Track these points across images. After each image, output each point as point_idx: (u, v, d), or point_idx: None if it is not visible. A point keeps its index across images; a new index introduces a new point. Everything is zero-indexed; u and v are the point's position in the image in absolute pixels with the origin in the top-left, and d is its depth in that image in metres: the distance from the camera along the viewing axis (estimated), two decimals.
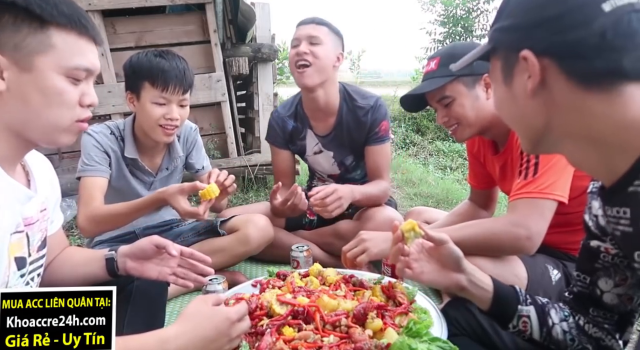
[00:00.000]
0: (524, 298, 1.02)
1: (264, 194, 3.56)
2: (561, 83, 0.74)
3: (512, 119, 0.85)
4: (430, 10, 8.98)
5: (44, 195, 0.99)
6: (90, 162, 1.75)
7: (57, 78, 0.84)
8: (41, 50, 0.82)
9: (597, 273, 0.92)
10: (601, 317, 0.95)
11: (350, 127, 2.16)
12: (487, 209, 1.95)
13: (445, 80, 1.49)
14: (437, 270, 1.07)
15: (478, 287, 1.03)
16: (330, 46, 2.03)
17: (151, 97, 1.72)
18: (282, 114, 2.27)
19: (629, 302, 0.91)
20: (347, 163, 2.28)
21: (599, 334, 0.96)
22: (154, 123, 1.74)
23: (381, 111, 2.14)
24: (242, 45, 3.85)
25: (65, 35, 0.84)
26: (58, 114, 0.86)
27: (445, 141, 6.03)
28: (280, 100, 4.10)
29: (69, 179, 3.23)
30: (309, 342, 1.04)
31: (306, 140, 2.27)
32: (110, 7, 3.24)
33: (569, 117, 0.75)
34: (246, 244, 1.90)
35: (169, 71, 1.70)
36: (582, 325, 0.98)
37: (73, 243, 2.45)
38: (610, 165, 0.74)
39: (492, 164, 1.73)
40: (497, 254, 1.40)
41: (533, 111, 0.79)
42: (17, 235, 0.87)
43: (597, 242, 0.91)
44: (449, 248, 1.05)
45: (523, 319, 1.00)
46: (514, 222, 1.35)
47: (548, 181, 1.34)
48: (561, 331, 0.99)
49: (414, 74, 9.53)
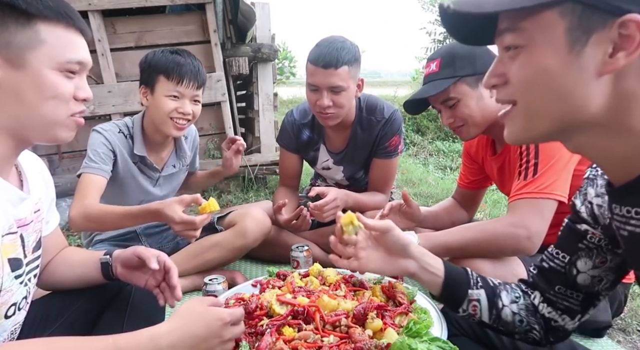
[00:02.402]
0: (474, 281, 1.01)
1: (264, 194, 3.56)
2: (637, 66, 0.64)
3: (553, 95, 0.67)
4: (431, 10, 8.99)
5: (37, 196, 0.99)
6: (95, 160, 1.74)
7: (51, 73, 0.84)
8: (32, 45, 0.81)
9: (579, 253, 0.91)
10: (566, 295, 0.94)
11: (363, 141, 2.13)
12: (468, 211, 1.96)
13: (449, 82, 1.48)
14: (383, 257, 1.06)
15: (428, 272, 1.02)
16: (352, 86, 1.92)
17: (165, 90, 1.75)
18: (298, 121, 2.22)
19: (598, 283, 0.91)
20: (357, 176, 2.27)
21: (552, 314, 0.96)
22: (166, 115, 1.76)
23: (394, 126, 2.08)
24: (242, 45, 3.84)
25: (53, 29, 0.84)
26: (53, 109, 0.85)
27: (445, 141, 6.03)
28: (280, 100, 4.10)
29: (69, 179, 3.23)
30: (309, 342, 1.04)
31: (319, 153, 2.25)
32: (110, 7, 3.24)
33: (626, 105, 0.65)
34: (243, 236, 1.89)
35: (184, 65, 1.75)
36: (537, 305, 0.98)
37: (73, 243, 2.44)
38: (629, 162, 0.69)
39: (491, 165, 1.73)
40: (498, 255, 1.40)
41: (592, 92, 0.65)
42: (9, 236, 0.86)
43: (587, 226, 0.90)
44: (394, 235, 1.03)
45: (473, 303, 1.00)
46: (513, 223, 1.35)
47: (548, 181, 1.34)
48: (510, 313, 0.98)
49: (414, 74, 9.55)
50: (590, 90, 0.65)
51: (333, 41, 1.90)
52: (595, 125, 0.68)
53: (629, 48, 0.61)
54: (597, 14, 0.62)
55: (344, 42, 1.91)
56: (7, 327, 0.92)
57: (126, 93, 3.30)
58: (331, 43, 1.89)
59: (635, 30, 0.60)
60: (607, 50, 0.63)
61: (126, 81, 3.34)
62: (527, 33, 0.68)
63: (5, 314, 0.89)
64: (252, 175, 3.52)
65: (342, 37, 1.96)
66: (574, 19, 0.64)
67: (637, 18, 0.60)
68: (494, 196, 3.52)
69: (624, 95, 0.65)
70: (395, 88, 8.77)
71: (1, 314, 0.88)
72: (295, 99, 10.88)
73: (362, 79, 2.01)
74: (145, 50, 3.39)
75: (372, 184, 2.19)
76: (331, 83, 1.87)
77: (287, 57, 11.56)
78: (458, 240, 1.43)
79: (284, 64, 11.42)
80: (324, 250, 2.14)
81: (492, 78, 0.75)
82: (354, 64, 1.90)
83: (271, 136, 3.86)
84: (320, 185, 2.49)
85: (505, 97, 0.74)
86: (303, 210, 1.88)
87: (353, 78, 1.92)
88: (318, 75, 1.88)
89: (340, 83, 1.87)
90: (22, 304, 0.94)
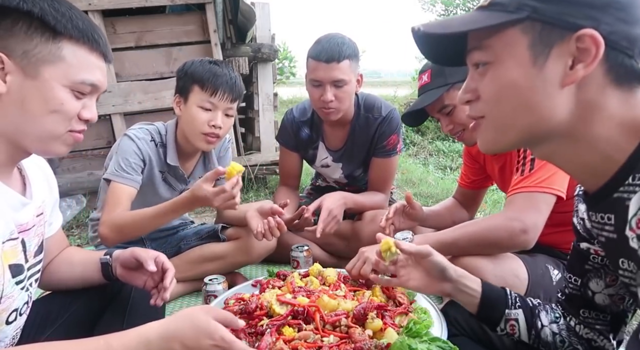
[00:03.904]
0: (512, 301, 1.02)
1: (264, 194, 3.56)
2: (598, 77, 0.67)
3: (520, 107, 0.71)
4: (431, 10, 9.02)
5: (40, 199, 0.98)
6: (127, 169, 1.68)
7: (61, 89, 0.85)
8: (50, 60, 0.83)
9: (588, 274, 0.92)
10: (592, 318, 0.95)
11: (361, 139, 2.14)
12: (468, 210, 1.97)
13: (441, 91, 1.52)
14: (423, 277, 1.09)
15: (465, 293, 1.04)
16: (353, 80, 1.95)
17: (199, 100, 1.69)
18: (297, 119, 2.23)
19: (621, 302, 0.91)
20: (356, 175, 2.28)
21: (590, 335, 0.96)
22: (197, 128, 1.70)
23: (392, 125, 2.09)
24: (242, 45, 3.84)
25: (76, 49, 0.85)
26: (53, 123, 0.85)
27: (445, 141, 6.03)
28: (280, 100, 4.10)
29: (69, 179, 3.24)
30: (309, 342, 1.04)
31: (318, 150, 2.26)
32: (110, 7, 3.24)
33: (589, 114, 0.69)
34: (247, 253, 1.89)
35: (220, 76, 1.69)
36: (574, 327, 0.98)
37: (73, 243, 2.44)
38: (597, 169, 0.72)
39: (492, 165, 1.73)
40: (494, 250, 1.39)
41: (556, 103, 0.69)
42: (10, 242, 0.86)
43: (587, 244, 0.91)
44: (431, 260, 1.06)
45: (511, 322, 1.01)
46: (509, 216, 1.35)
47: (544, 175, 1.34)
48: (550, 333, 0.99)
49: (414, 74, 9.54)
50: (554, 101, 0.69)
51: (333, 36, 1.94)
52: (561, 134, 0.71)
53: (586, 60, 0.65)
54: (555, 29, 0.67)
55: (343, 37, 1.94)
56: (8, 333, 0.92)
57: (126, 93, 3.30)
58: (331, 38, 1.92)
59: (590, 44, 0.65)
60: (568, 62, 0.67)
61: (126, 81, 3.34)
62: (493, 50, 0.72)
63: (6, 320, 0.89)
64: (252, 175, 3.52)
65: (339, 33, 2.00)
66: (535, 34, 0.68)
67: (591, 33, 0.64)
68: (494, 196, 3.52)
69: (586, 105, 0.68)
70: (395, 88, 8.78)
71: (2, 320, 0.87)
72: (295, 98, 10.87)
73: (361, 74, 2.03)
74: (145, 50, 3.43)
75: (371, 184, 2.19)
76: (334, 77, 1.88)
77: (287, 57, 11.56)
78: (452, 235, 1.43)
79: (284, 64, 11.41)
80: (324, 250, 2.14)
81: (466, 94, 0.78)
82: (354, 58, 1.93)
83: (271, 136, 3.86)
84: (320, 184, 2.49)
85: (476, 114, 0.78)
86: (304, 210, 1.88)
87: (354, 72, 1.95)
88: (320, 70, 1.89)
89: (342, 77, 1.89)
90: (23, 309, 0.94)
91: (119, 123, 3.29)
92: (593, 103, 0.68)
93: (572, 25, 0.65)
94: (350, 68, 1.91)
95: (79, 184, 3.22)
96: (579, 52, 0.66)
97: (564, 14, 0.66)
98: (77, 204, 3.13)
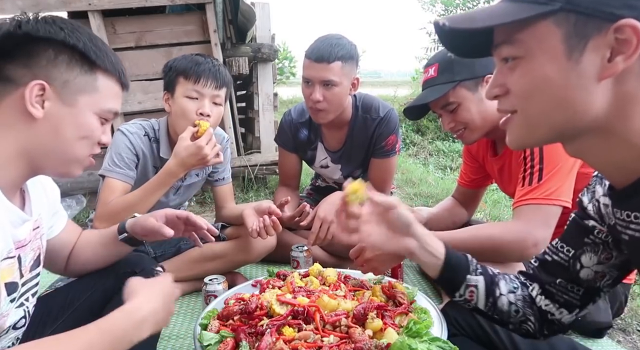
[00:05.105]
0: (474, 267, 1.00)
1: (264, 194, 3.56)
2: (637, 68, 0.64)
3: (554, 103, 0.68)
4: (431, 10, 9.01)
5: (37, 212, 1.00)
6: (120, 164, 1.70)
7: (92, 117, 0.93)
8: (86, 90, 0.91)
9: (584, 247, 0.91)
10: (567, 288, 0.94)
11: (360, 140, 2.13)
12: (467, 209, 1.96)
13: (448, 87, 1.47)
14: (385, 233, 1.03)
15: (429, 253, 1.00)
16: (345, 83, 1.92)
17: (184, 90, 1.71)
18: (295, 120, 2.22)
19: (601, 279, 0.91)
20: (355, 175, 2.27)
21: (549, 307, 0.96)
22: (186, 119, 1.71)
23: (390, 125, 2.08)
24: (242, 45, 3.85)
25: (107, 81, 0.95)
26: (82, 147, 0.92)
27: (445, 141, 6.03)
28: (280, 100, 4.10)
29: (69, 179, 3.23)
30: (309, 342, 1.04)
31: (316, 151, 2.25)
32: (110, 7, 3.24)
33: (627, 107, 0.66)
34: (247, 252, 1.90)
35: (202, 64, 1.72)
36: (534, 297, 0.98)
37: None
38: (629, 165, 0.69)
39: (491, 166, 1.73)
40: (502, 259, 1.40)
41: (592, 98, 0.65)
42: (7, 261, 0.86)
43: (594, 223, 0.89)
44: (397, 212, 1.01)
45: (470, 288, 0.99)
46: (520, 229, 1.35)
47: (553, 187, 1.34)
48: (507, 302, 0.98)
49: (414, 74, 9.55)
50: (591, 95, 0.65)
51: (329, 37, 1.93)
52: (596, 129, 0.68)
53: (627, 52, 0.62)
54: (591, 21, 0.63)
55: (340, 39, 1.93)
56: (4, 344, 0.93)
57: (126, 93, 3.29)
58: (327, 38, 1.92)
59: (631, 34, 0.61)
60: (605, 55, 0.63)
61: None
62: (523, 44, 0.68)
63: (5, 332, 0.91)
64: (252, 175, 3.53)
65: (340, 34, 1.98)
66: (570, 26, 0.64)
67: (632, 23, 0.60)
68: (493, 196, 3.52)
69: (625, 99, 0.65)
70: (395, 88, 8.76)
71: None
72: (295, 99, 10.88)
73: (357, 78, 2.01)
74: (145, 51, 3.43)
75: (371, 184, 2.19)
76: (323, 77, 1.88)
77: (287, 57, 11.57)
78: (460, 236, 1.43)
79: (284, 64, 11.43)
80: (324, 250, 2.14)
81: (494, 89, 0.76)
82: (348, 61, 1.90)
83: (271, 136, 3.86)
84: (320, 185, 2.49)
85: (507, 108, 0.75)
86: (305, 207, 1.87)
87: (347, 75, 1.92)
88: (311, 69, 1.90)
89: (332, 77, 1.87)
90: (20, 323, 0.95)
91: (119, 123, 3.29)
92: (631, 96, 0.65)
93: (610, 15, 0.61)
94: (342, 70, 1.88)
95: (79, 184, 3.23)
96: (617, 44, 0.62)
97: (601, 4, 0.62)
98: (77, 204, 3.14)
